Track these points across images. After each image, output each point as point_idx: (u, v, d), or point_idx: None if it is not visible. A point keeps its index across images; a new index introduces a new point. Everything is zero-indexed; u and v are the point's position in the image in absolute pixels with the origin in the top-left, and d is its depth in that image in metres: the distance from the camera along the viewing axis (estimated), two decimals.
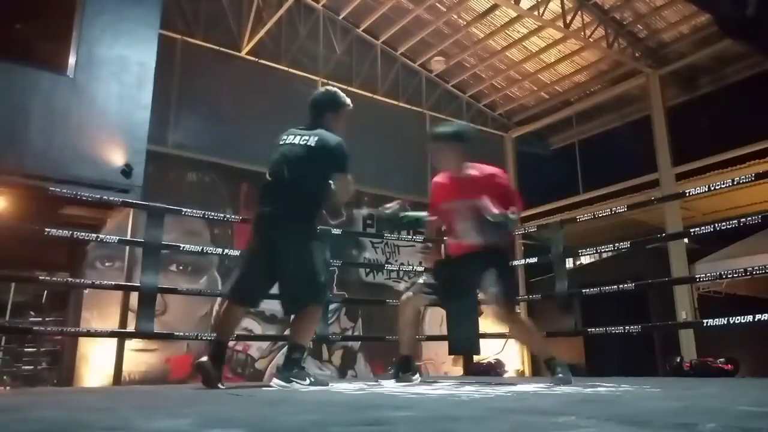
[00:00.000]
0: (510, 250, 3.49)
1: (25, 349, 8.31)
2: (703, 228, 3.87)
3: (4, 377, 8.24)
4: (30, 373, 8.03)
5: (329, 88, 3.45)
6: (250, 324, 8.10)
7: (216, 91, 8.72)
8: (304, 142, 3.11)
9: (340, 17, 10.26)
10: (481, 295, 3.74)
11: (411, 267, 7.11)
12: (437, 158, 3.27)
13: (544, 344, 3.22)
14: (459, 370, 9.10)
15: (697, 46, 9.22)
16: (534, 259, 5.46)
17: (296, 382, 2.77)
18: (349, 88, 10.22)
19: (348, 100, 3.37)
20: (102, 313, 6.76)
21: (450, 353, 5.54)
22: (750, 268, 3.59)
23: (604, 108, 10.92)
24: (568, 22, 8.93)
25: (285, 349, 3.06)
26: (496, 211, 2.91)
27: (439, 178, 3.35)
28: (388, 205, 3.29)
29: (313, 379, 2.86)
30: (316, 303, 2.96)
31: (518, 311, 3.32)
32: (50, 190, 4.02)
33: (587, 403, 1.91)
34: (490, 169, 3.24)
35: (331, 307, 8.19)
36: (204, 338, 5.18)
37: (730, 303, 8.64)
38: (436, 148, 3.28)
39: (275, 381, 2.82)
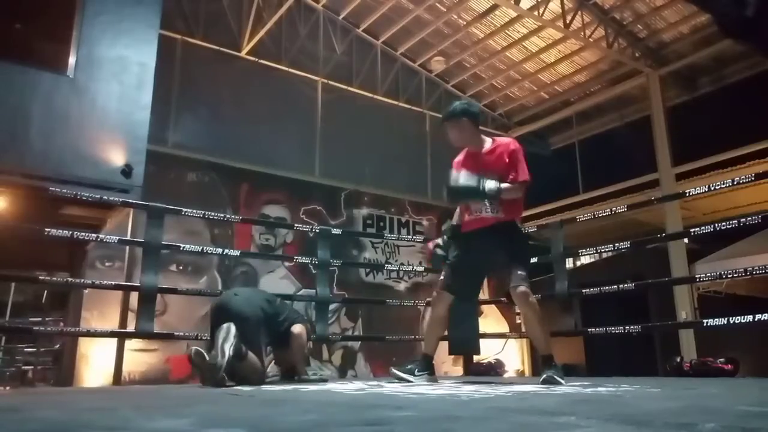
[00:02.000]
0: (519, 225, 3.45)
1: (25, 349, 8.33)
2: (703, 228, 3.87)
3: (5, 377, 8.25)
4: (30, 372, 8.04)
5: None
6: None
7: (216, 91, 8.72)
8: None
9: (340, 17, 10.27)
10: (480, 294, 3.75)
11: (411, 267, 7.13)
12: (452, 137, 3.31)
13: (548, 340, 3.19)
14: (459, 370, 9.11)
15: (697, 47, 9.22)
16: (534, 259, 5.46)
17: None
18: (349, 88, 10.25)
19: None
20: (102, 313, 6.76)
21: (450, 353, 5.54)
22: (750, 268, 3.59)
23: (604, 108, 10.93)
24: (568, 22, 8.93)
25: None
26: (493, 185, 3.03)
27: (458, 157, 3.39)
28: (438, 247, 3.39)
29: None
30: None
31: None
32: (50, 190, 4.02)
33: (587, 403, 1.91)
34: (501, 140, 3.30)
35: (331, 307, 8.20)
36: (204, 338, 5.15)
37: (730, 303, 8.64)
38: (448, 127, 3.31)
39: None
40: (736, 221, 3.64)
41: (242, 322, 3.12)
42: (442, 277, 3.39)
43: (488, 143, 3.27)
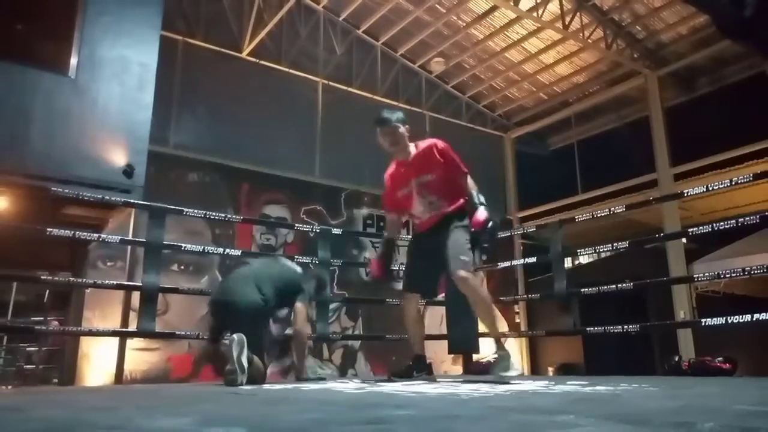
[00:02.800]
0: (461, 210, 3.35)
1: (27, 349, 8.34)
2: (701, 228, 3.88)
3: (6, 376, 8.26)
4: (32, 372, 8.05)
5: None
6: None
7: (217, 92, 8.73)
8: None
9: (341, 18, 10.27)
10: None
11: None
12: (385, 143, 3.37)
13: (496, 322, 3.29)
14: (458, 369, 9.10)
15: (696, 47, 9.24)
16: (533, 259, 5.48)
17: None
18: (349, 89, 10.26)
19: None
20: (104, 312, 6.78)
21: (449, 352, 5.54)
22: (748, 268, 3.60)
23: (602, 109, 10.94)
24: (567, 23, 8.94)
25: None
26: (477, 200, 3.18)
27: (389, 171, 3.48)
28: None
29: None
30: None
31: (477, 274, 3.33)
32: (52, 190, 4.04)
33: (586, 402, 1.92)
34: (426, 143, 3.35)
35: (332, 306, 8.21)
36: (205, 338, 5.12)
37: (728, 302, 8.65)
38: (382, 133, 3.36)
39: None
40: (734, 221, 3.65)
41: (241, 321, 3.12)
42: (402, 280, 3.49)
43: (413, 149, 3.35)
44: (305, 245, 8.36)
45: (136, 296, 4.44)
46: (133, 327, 4.81)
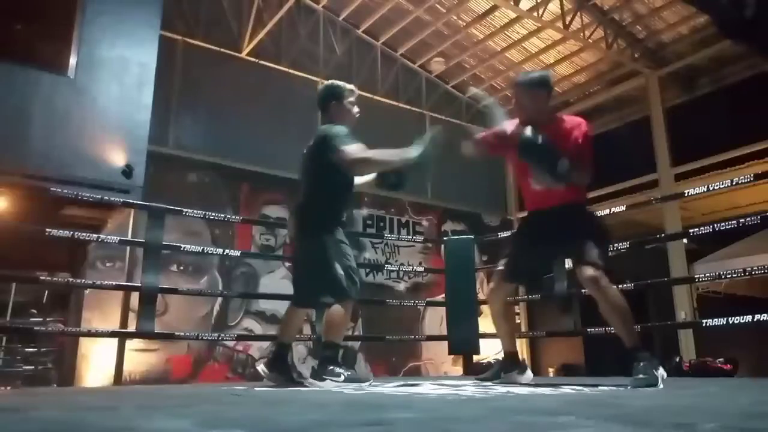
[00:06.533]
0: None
1: (26, 349, 8.33)
2: (702, 228, 3.88)
3: (5, 377, 8.25)
4: (31, 373, 8.04)
5: (328, 82, 3.55)
6: (250, 324, 8.13)
7: (216, 92, 8.73)
8: (307, 148, 3.27)
9: (340, 18, 10.28)
10: (480, 294, 3.72)
11: (411, 267, 7.14)
12: (521, 103, 3.00)
13: (633, 329, 2.74)
14: (459, 370, 9.10)
15: (696, 47, 9.23)
16: None
17: (330, 379, 2.81)
18: None
19: (347, 87, 3.45)
20: (103, 313, 6.77)
21: (450, 353, 5.54)
22: (749, 269, 3.60)
23: (603, 109, 10.93)
24: (567, 23, 8.94)
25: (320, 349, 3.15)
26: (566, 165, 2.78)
27: (507, 127, 3.02)
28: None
29: (348, 374, 2.86)
30: (336, 300, 3.00)
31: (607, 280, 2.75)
32: (51, 191, 4.03)
33: (587, 403, 1.92)
34: (570, 117, 3.05)
35: None
36: (204, 338, 5.16)
37: (729, 303, 8.65)
38: (521, 92, 3.00)
39: (309, 381, 2.90)
40: (735, 222, 3.64)
41: None
42: (500, 267, 3.04)
43: (551, 121, 2.99)
44: None
45: (135, 297, 4.43)
46: (132, 328, 4.80)
